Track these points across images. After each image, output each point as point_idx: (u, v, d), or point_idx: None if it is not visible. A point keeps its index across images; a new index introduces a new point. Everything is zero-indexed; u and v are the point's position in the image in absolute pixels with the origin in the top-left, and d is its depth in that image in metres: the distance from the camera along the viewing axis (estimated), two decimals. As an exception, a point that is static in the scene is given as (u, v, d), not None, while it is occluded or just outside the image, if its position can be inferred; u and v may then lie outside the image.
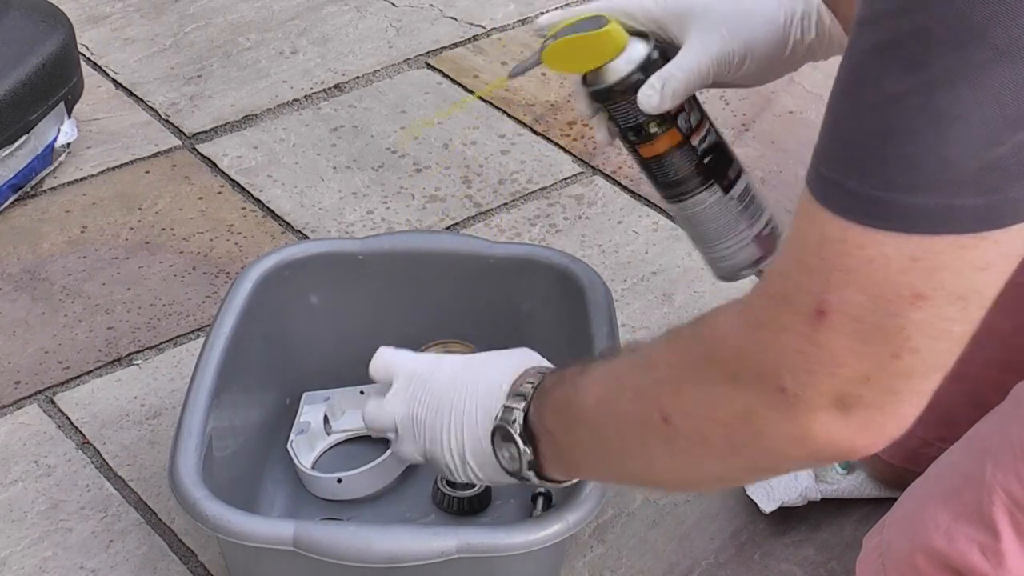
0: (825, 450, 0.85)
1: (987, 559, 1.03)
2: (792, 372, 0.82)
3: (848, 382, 0.81)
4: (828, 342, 0.81)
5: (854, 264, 0.79)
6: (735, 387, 0.85)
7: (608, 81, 1.21)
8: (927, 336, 0.80)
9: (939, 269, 0.78)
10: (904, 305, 0.79)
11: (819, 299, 0.80)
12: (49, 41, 1.73)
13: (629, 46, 1.20)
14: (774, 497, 1.33)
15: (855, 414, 0.82)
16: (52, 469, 1.41)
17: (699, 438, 0.90)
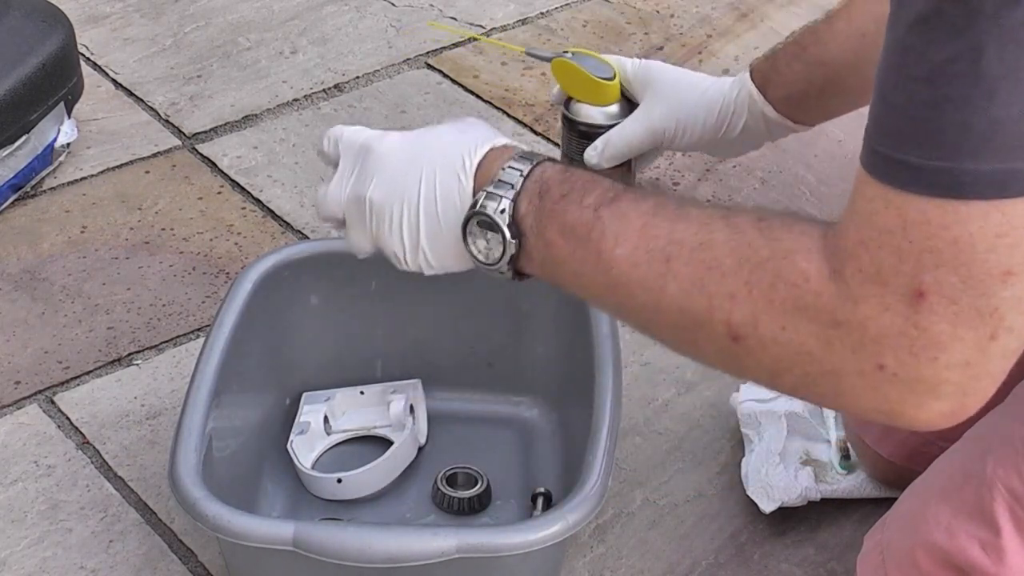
0: (905, 424, 0.85)
1: (987, 555, 1.03)
2: (895, 353, 0.82)
3: (948, 367, 0.82)
4: (930, 326, 0.81)
5: (941, 245, 0.80)
6: (827, 350, 0.85)
7: (579, 117, 1.49)
8: (1019, 312, 0.81)
9: (1021, 242, 0.79)
10: (995, 284, 0.80)
11: (916, 280, 0.81)
12: (49, 41, 1.73)
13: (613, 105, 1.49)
14: (774, 497, 1.33)
15: (948, 397, 0.83)
16: (52, 469, 1.41)
17: (771, 369, 0.88)
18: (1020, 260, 0.79)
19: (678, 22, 2.09)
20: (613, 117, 1.48)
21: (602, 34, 2.06)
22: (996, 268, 0.79)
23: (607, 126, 1.48)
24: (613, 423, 1.23)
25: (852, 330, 0.84)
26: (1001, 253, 0.79)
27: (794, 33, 1.45)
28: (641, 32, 2.06)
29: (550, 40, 2.04)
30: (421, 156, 1.02)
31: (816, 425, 1.40)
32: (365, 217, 1.04)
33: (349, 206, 1.05)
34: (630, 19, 2.09)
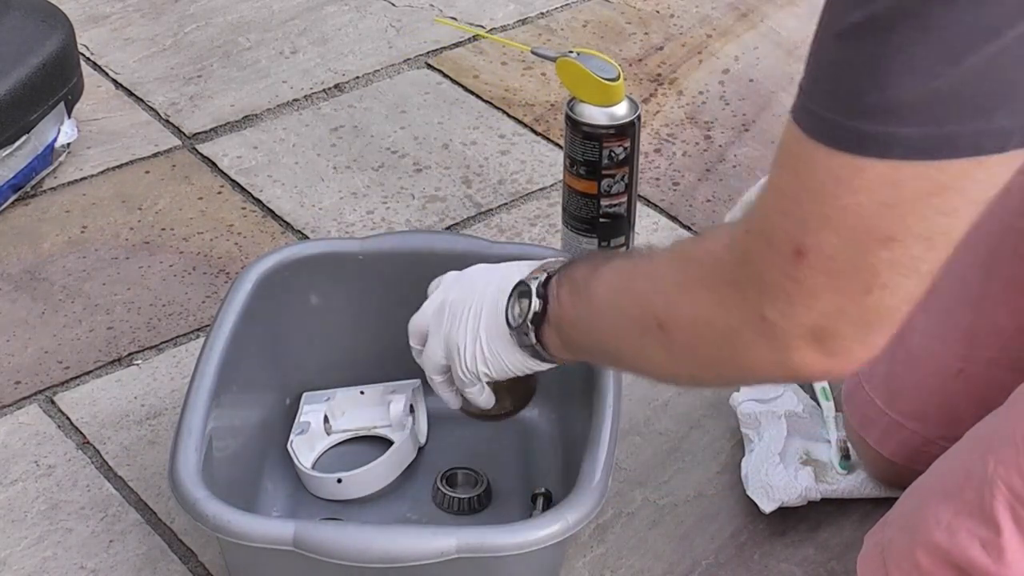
0: (800, 372, 0.93)
1: (988, 553, 1.03)
2: (773, 304, 0.90)
3: (823, 315, 0.89)
4: (806, 279, 0.88)
5: (830, 211, 0.86)
6: (723, 310, 0.94)
7: (582, 117, 1.49)
8: (896, 274, 0.87)
9: (907, 214, 0.85)
10: (875, 246, 0.86)
11: (797, 242, 0.88)
12: (49, 41, 1.73)
13: (617, 106, 1.48)
14: (774, 497, 1.33)
15: (829, 343, 0.90)
16: (52, 469, 1.41)
17: (689, 349, 0.99)
18: (903, 227, 0.85)
19: (678, 22, 2.09)
20: (617, 118, 1.48)
21: (602, 34, 2.06)
22: (879, 233, 0.86)
23: (611, 127, 1.48)
24: (613, 423, 1.23)
25: (740, 287, 0.92)
26: (886, 219, 0.85)
27: None
28: (641, 32, 2.06)
29: (550, 40, 2.04)
30: (494, 271, 1.21)
31: (816, 425, 1.40)
32: (443, 318, 1.21)
33: (434, 314, 1.23)
34: (630, 19, 2.09)
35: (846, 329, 0.89)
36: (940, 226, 0.86)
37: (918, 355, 1.29)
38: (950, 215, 0.86)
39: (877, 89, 0.82)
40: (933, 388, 1.28)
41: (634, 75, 1.96)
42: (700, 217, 1.72)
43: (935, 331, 1.28)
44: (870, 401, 1.33)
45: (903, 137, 0.83)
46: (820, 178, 0.86)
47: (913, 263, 0.87)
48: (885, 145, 0.83)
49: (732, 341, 0.94)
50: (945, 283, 1.28)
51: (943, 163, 0.83)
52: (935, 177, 0.84)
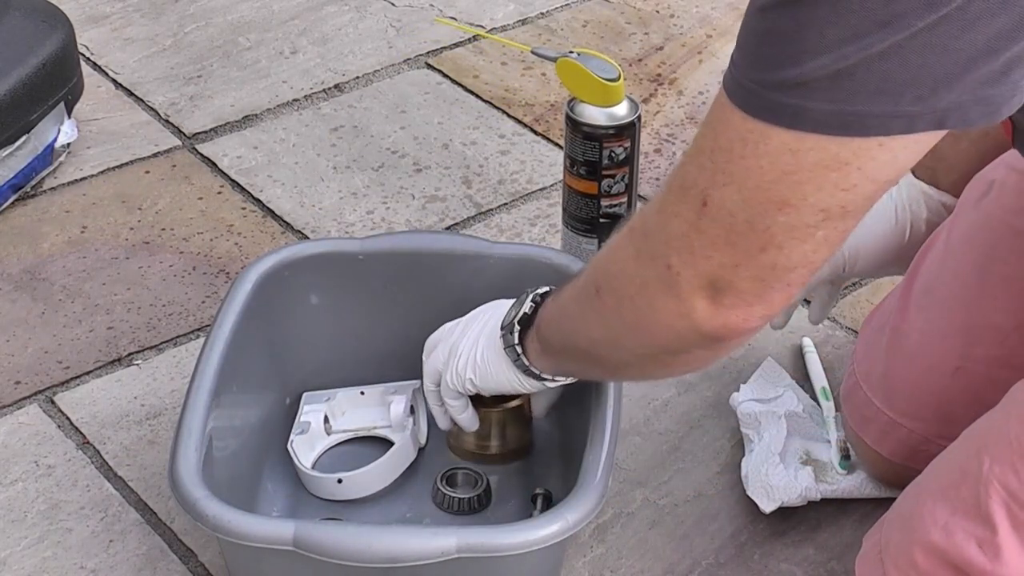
0: (703, 325, 0.97)
1: (984, 553, 1.03)
2: (677, 252, 0.96)
3: (721, 267, 0.94)
4: (708, 229, 0.94)
5: (735, 169, 0.91)
6: (639, 262, 0.99)
7: (582, 118, 1.49)
8: (791, 237, 0.92)
9: (804, 183, 0.89)
10: (771, 208, 0.91)
11: (704, 194, 0.93)
12: (49, 41, 1.73)
13: (617, 106, 1.49)
14: (774, 497, 1.33)
15: (726, 295, 0.95)
16: (52, 469, 1.41)
17: (615, 308, 1.04)
18: (799, 195, 0.90)
19: (678, 22, 2.09)
20: (617, 118, 1.48)
21: (602, 34, 2.06)
22: (776, 196, 0.90)
23: (611, 127, 1.48)
24: (613, 423, 1.23)
25: (651, 237, 0.98)
26: (784, 185, 0.90)
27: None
28: (641, 32, 2.06)
29: (550, 40, 2.04)
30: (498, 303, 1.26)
31: (816, 425, 1.40)
32: (457, 328, 1.28)
33: (451, 327, 1.29)
34: (630, 19, 2.09)
35: (741, 283, 0.94)
36: (837, 199, 0.90)
37: (915, 354, 1.29)
38: (848, 190, 0.90)
39: (792, 63, 0.87)
40: (930, 387, 1.28)
41: (634, 75, 1.96)
42: (700, 217, 1.71)
43: (932, 330, 1.28)
44: (868, 400, 1.33)
45: (813, 110, 0.87)
46: (731, 138, 0.91)
47: (807, 229, 0.91)
48: (794, 116, 0.88)
49: (644, 293, 0.99)
50: (942, 282, 1.29)
51: (848, 140, 0.87)
52: (836, 152, 0.88)
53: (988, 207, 1.26)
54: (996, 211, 1.26)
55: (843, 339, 1.55)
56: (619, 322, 1.04)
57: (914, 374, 1.29)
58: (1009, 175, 1.26)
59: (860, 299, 1.61)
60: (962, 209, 1.29)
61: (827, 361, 1.50)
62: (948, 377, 1.27)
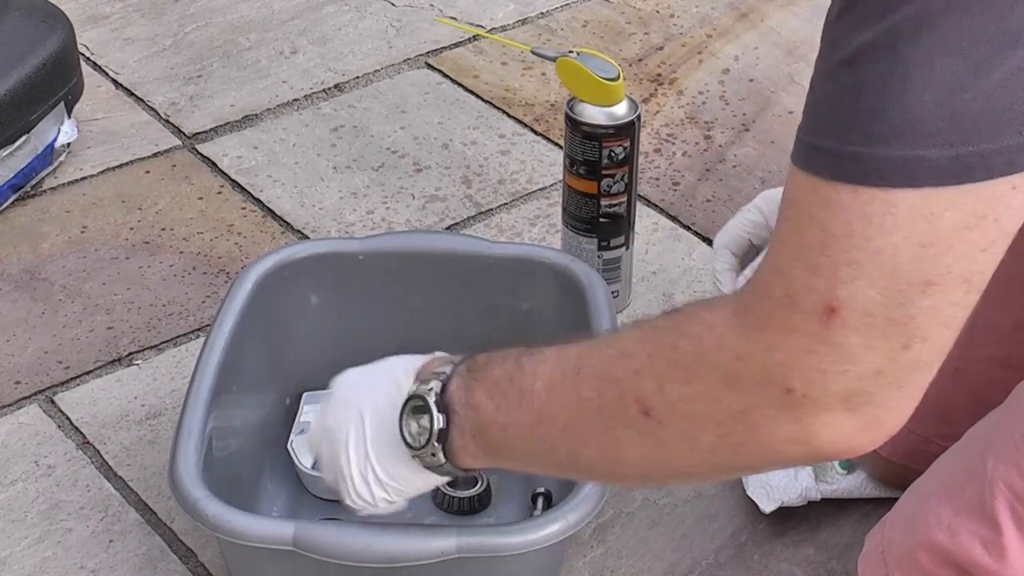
0: (825, 450, 0.84)
1: (989, 553, 1.03)
2: (802, 373, 0.81)
3: (860, 378, 0.80)
4: (841, 340, 0.79)
5: (862, 257, 0.78)
6: (733, 388, 0.84)
7: (582, 117, 1.49)
8: (936, 323, 0.80)
9: (945, 253, 0.78)
10: (915, 293, 0.79)
11: (828, 297, 0.79)
12: (49, 41, 1.73)
13: (617, 106, 1.48)
14: (774, 497, 1.33)
15: (862, 411, 0.82)
16: (52, 469, 1.41)
17: (687, 435, 0.88)
18: (943, 269, 0.78)
19: (678, 22, 2.09)
20: (617, 118, 1.48)
21: (602, 34, 2.06)
22: (918, 278, 0.78)
23: (611, 127, 1.48)
24: (613, 423, 1.22)
25: (756, 360, 0.82)
26: (924, 261, 0.78)
27: None
28: (641, 32, 2.06)
29: (550, 40, 2.04)
30: (370, 377, 1.08)
31: (816, 425, 1.40)
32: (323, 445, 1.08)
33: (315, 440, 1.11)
34: (630, 19, 2.09)
35: (882, 392, 0.81)
36: (978, 264, 0.80)
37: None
38: (987, 250, 0.80)
39: (898, 109, 0.76)
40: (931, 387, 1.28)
41: (634, 75, 1.96)
42: (700, 217, 1.72)
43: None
44: (869, 401, 1.32)
45: (932, 160, 0.76)
46: (846, 219, 0.78)
47: (952, 310, 0.80)
48: (912, 172, 0.76)
49: (748, 422, 0.84)
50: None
51: (977, 187, 0.77)
52: (971, 206, 0.77)
53: None
54: None
55: (843, 339, 1.55)
56: (686, 448, 0.88)
57: (914, 374, 1.29)
58: None
59: (860, 299, 1.60)
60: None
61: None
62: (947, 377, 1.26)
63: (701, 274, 1.63)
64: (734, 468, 0.93)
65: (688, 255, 1.66)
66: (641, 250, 1.65)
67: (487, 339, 1.40)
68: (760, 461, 0.88)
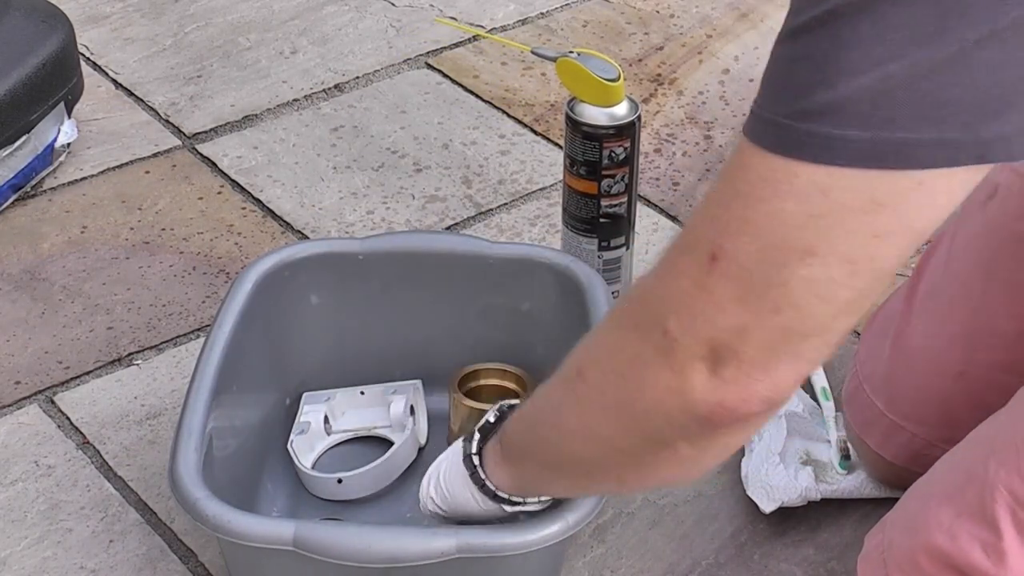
0: (698, 404, 0.85)
1: (989, 557, 1.03)
2: (677, 314, 0.84)
3: (725, 331, 0.83)
4: (716, 287, 0.82)
5: (754, 216, 0.81)
6: (631, 332, 0.88)
7: (582, 118, 1.47)
8: (811, 294, 0.81)
9: (834, 228, 0.79)
10: (793, 259, 0.80)
11: (714, 246, 0.82)
12: (49, 41, 1.73)
13: (617, 106, 1.47)
14: (774, 497, 1.33)
15: (728, 366, 0.83)
16: (52, 469, 1.41)
17: (598, 388, 0.92)
18: (827, 242, 0.80)
19: (678, 22, 2.09)
20: (617, 118, 1.48)
21: (602, 34, 2.06)
22: (800, 243, 0.80)
23: (611, 127, 1.48)
24: (613, 423, 1.23)
25: (648, 300, 0.87)
26: (809, 231, 0.79)
27: None
28: (641, 32, 2.06)
29: (550, 40, 2.04)
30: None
31: (816, 425, 1.40)
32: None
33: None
34: (630, 19, 2.09)
35: (747, 351, 0.83)
36: (868, 249, 0.80)
37: (918, 358, 1.29)
38: (881, 238, 0.80)
39: (826, 86, 0.78)
40: (933, 391, 1.28)
41: (634, 75, 1.96)
42: (700, 217, 1.71)
43: (936, 334, 1.28)
44: (871, 404, 1.33)
45: (850, 140, 0.78)
46: (751, 180, 0.81)
47: (831, 286, 0.81)
48: (827, 148, 0.78)
49: (635, 367, 0.88)
50: (946, 286, 1.29)
51: (884, 175, 0.78)
52: (872, 191, 0.79)
53: (993, 211, 1.26)
54: (1000, 216, 1.26)
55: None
56: (599, 404, 0.93)
57: (917, 378, 1.29)
58: (1015, 180, 1.25)
59: (860, 299, 1.60)
60: (966, 212, 1.29)
61: (827, 361, 1.50)
62: (951, 382, 1.27)
63: (701, 274, 1.63)
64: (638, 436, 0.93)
65: (688, 255, 1.66)
66: (641, 250, 1.64)
67: (487, 339, 1.42)
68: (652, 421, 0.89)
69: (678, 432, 0.88)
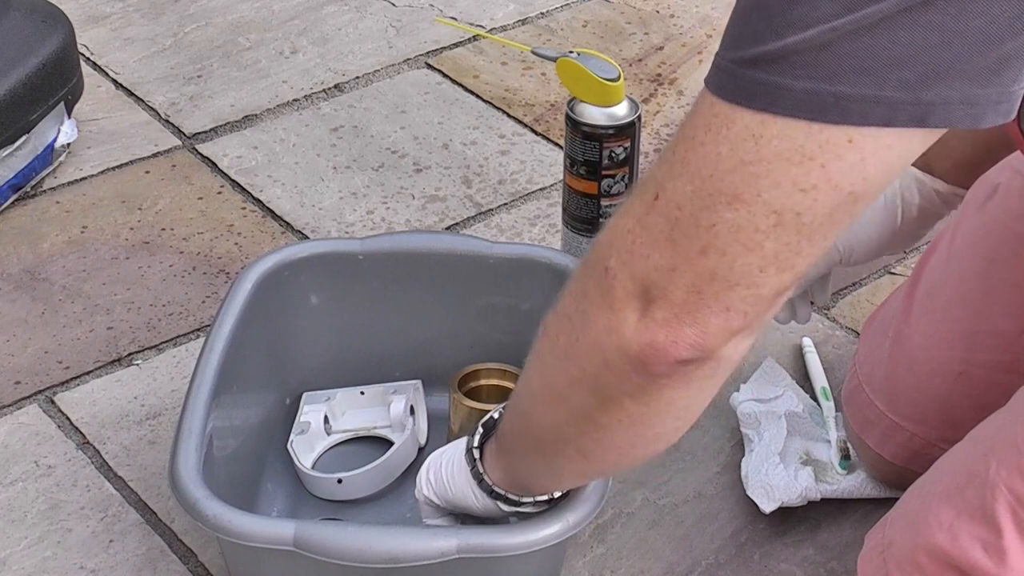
0: (631, 344, 0.86)
1: (989, 556, 1.03)
2: (617, 250, 0.86)
3: (656, 269, 0.84)
4: (652, 225, 0.84)
5: (692, 158, 0.82)
6: (583, 273, 0.90)
7: (582, 118, 1.48)
8: (736, 241, 0.82)
9: (761, 176, 0.80)
10: (721, 202, 0.82)
11: (656, 186, 0.84)
12: (49, 41, 1.73)
13: (617, 106, 1.48)
14: (774, 497, 1.33)
15: (658, 307, 0.85)
16: (52, 469, 1.41)
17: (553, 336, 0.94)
18: (754, 189, 0.81)
19: (678, 22, 2.09)
20: (617, 118, 1.48)
21: (602, 34, 2.06)
22: (728, 189, 0.81)
23: (611, 127, 1.48)
24: (613, 423, 1.22)
25: (599, 242, 0.88)
26: (739, 176, 0.81)
27: None
28: (641, 32, 2.06)
29: (550, 40, 2.04)
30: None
31: (816, 425, 1.40)
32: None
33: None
34: (630, 19, 2.09)
35: (675, 291, 0.84)
36: (793, 202, 0.81)
37: (918, 358, 1.29)
38: (807, 192, 0.80)
39: (774, 37, 0.78)
40: (933, 390, 1.28)
41: (634, 75, 1.96)
42: (700, 217, 1.72)
43: (936, 333, 1.28)
44: (870, 403, 1.33)
45: (788, 89, 0.78)
46: (696, 124, 0.83)
47: (756, 235, 0.82)
48: (766, 96, 0.79)
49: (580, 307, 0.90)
50: (946, 286, 1.29)
51: (816, 127, 0.78)
52: (801, 143, 0.79)
53: (993, 211, 1.26)
54: (1000, 215, 1.26)
55: (843, 339, 1.55)
56: (553, 355, 0.94)
57: (917, 378, 1.29)
58: (1014, 179, 1.25)
59: (860, 299, 1.61)
60: (966, 212, 1.29)
61: (827, 361, 1.50)
62: (951, 381, 1.27)
63: (701, 274, 1.63)
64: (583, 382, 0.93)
65: (688, 255, 1.66)
66: (641, 250, 1.64)
67: (487, 339, 1.42)
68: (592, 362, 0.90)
69: (619, 380, 0.90)
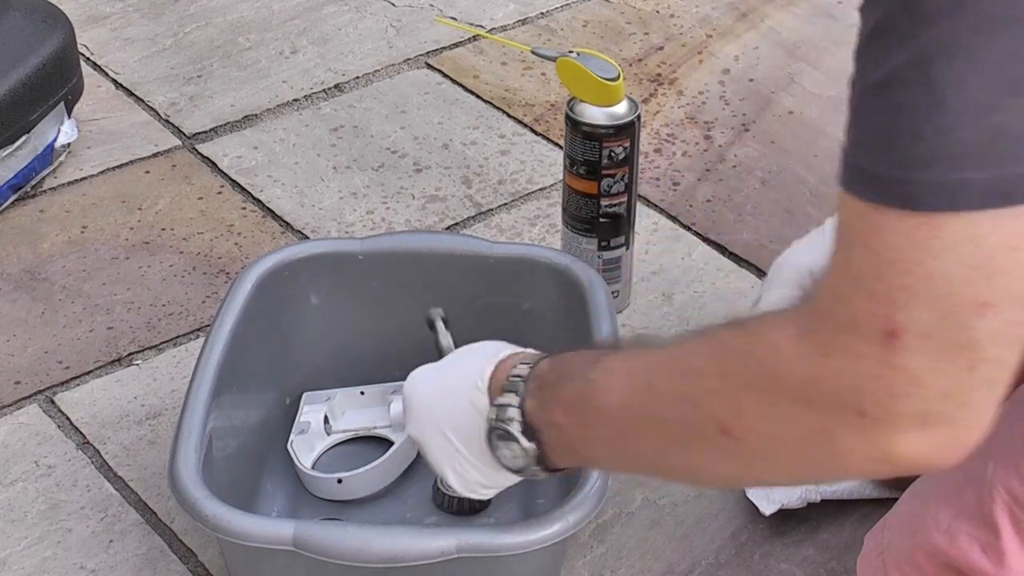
0: (908, 466, 0.84)
1: (988, 557, 1.03)
2: (872, 397, 0.81)
3: (929, 400, 0.81)
4: (905, 363, 0.80)
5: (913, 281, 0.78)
6: (808, 410, 0.84)
7: (582, 117, 1.49)
8: (997, 343, 0.80)
9: (996, 274, 0.77)
10: (971, 315, 0.78)
11: (888, 322, 0.79)
12: (49, 41, 1.73)
13: (617, 106, 1.49)
14: (774, 500, 1.33)
15: (937, 430, 0.82)
16: (52, 469, 1.41)
17: (767, 453, 0.89)
18: (996, 290, 0.78)
19: (678, 22, 2.09)
20: (617, 118, 1.48)
21: (602, 34, 2.06)
22: (972, 299, 0.78)
23: (611, 127, 1.48)
24: (613, 423, 1.22)
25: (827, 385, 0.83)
26: (976, 284, 0.78)
27: None
28: (641, 32, 2.06)
29: (550, 40, 2.04)
30: (443, 385, 1.12)
31: (816, 425, 1.40)
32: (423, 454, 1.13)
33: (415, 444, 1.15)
34: (630, 19, 2.09)
35: (953, 413, 0.81)
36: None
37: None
38: None
39: (934, 132, 0.76)
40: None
41: (634, 75, 1.96)
42: (700, 217, 1.72)
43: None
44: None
45: (971, 182, 0.76)
46: (895, 244, 0.78)
47: (1012, 328, 0.79)
48: (953, 195, 0.76)
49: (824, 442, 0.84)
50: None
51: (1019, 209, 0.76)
52: (1015, 227, 0.76)
53: None
54: None
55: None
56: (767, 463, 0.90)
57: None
58: None
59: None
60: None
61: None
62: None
63: (701, 274, 1.63)
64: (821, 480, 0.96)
65: (688, 255, 1.66)
66: (641, 250, 1.65)
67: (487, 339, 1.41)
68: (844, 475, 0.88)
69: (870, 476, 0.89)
